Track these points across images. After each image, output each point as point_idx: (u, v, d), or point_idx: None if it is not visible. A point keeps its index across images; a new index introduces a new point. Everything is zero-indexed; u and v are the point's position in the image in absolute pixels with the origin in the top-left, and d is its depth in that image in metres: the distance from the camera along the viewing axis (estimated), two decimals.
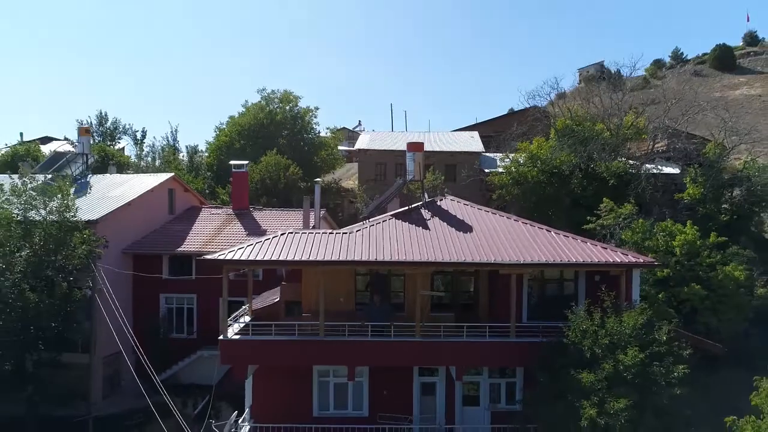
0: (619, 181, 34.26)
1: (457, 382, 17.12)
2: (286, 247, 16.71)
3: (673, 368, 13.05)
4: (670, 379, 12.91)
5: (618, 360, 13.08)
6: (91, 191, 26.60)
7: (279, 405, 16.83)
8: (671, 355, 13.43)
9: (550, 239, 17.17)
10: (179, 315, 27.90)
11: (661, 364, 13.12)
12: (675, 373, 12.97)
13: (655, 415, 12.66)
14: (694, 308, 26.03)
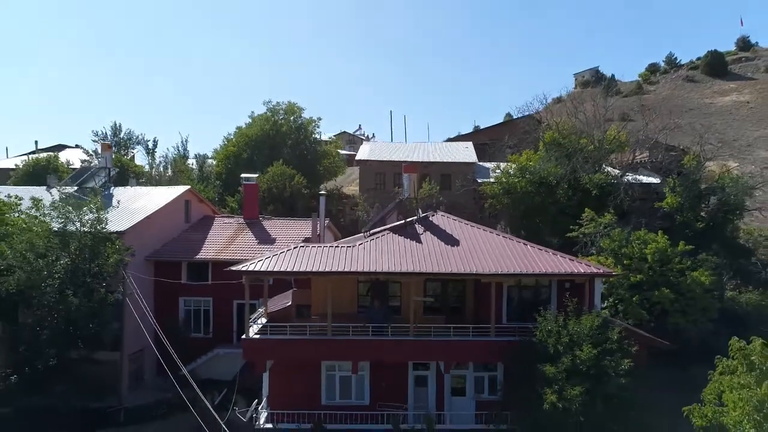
0: (600, 191, 36.98)
1: (446, 375, 19.90)
2: (299, 259, 19.49)
3: (621, 362, 15.82)
4: (618, 370, 15.67)
5: (575, 355, 15.85)
6: (115, 203, 29.21)
7: (292, 395, 19.58)
8: (620, 352, 16.19)
9: (525, 252, 19.96)
10: (197, 316, 30.64)
11: (611, 359, 15.89)
12: (622, 366, 15.73)
13: (604, 401, 15.41)
14: (665, 310, 28.84)
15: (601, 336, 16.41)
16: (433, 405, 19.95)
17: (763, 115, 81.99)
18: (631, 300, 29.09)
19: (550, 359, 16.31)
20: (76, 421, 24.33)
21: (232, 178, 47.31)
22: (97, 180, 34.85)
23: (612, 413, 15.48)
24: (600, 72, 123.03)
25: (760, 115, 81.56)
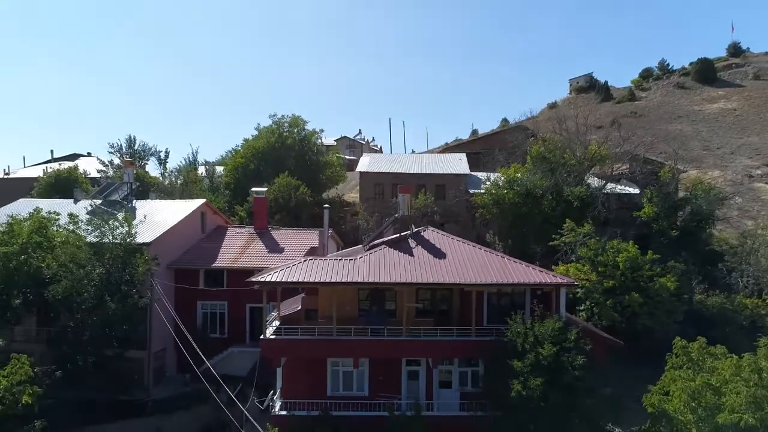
0: (581, 203, 40.29)
1: (434, 370, 23.25)
2: (308, 270, 22.84)
3: (576, 358, 19.14)
4: (574, 365, 18.99)
5: (538, 352, 19.18)
6: (141, 217, 32.44)
7: (301, 387, 22.92)
8: (576, 349, 19.51)
9: (502, 264, 23.30)
10: (213, 319, 33.93)
11: (569, 355, 19.21)
12: (577, 361, 19.06)
13: (561, 390, 18.73)
14: (635, 312, 32.19)
15: (560, 336, 19.72)
16: (424, 395, 23.28)
17: (748, 122, 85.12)
18: (605, 303, 32.51)
19: (518, 355, 19.65)
20: (110, 411, 27.66)
21: (241, 188, 50.61)
22: (120, 193, 38.20)
23: (569, 401, 18.79)
24: (594, 78, 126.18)
25: (745, 123, 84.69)
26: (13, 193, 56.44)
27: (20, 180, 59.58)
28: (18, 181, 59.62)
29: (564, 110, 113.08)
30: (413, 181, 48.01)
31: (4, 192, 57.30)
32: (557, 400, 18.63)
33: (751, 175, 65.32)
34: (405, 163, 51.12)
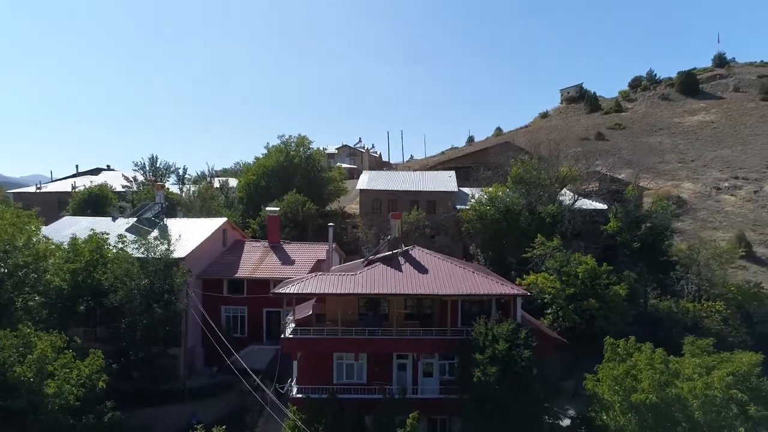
0: (552, 219, 46.37)
1: (419, 362, 29.35)
2: (318, 283, 28.98)
3: (524, 352, 25.24)
4: (522, 357, 25.09)
5: (495, 348, 25.28)
6: (176, 235, 38.40)
7: (313, 376, 28.98)
8: (525, 346, 25.59)
9: (472, 278, 29.41)
10: (235, 321, 40.02)
11: (518, 350, 25.31)
12: (524, 355, 25.16)
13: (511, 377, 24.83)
14: (593, 315, 38.22)
15: (513, 335, 25.79)
16: (410, 383, 29.39)
17: (723, 135, 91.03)
18: (567, 308, 38.62)
19: (480, 350, 25.73)
20: (154, 398, 33.77)
21: (253, 203, 56.80)
22: (152, 212, 44.34)
23: (517, 385, 24.90)
24: (584, 89, 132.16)
25: (721, 136, 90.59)
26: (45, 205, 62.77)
27: (50, 194, 65.82)
28: (48, 194, 65.83)
29: (553, 120, 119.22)
30: (407, 197, 54.31)
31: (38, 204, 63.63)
32: (508, 384, 24.72)
33: (719, 188, 71.18)
34: (400, 180, 57.23)
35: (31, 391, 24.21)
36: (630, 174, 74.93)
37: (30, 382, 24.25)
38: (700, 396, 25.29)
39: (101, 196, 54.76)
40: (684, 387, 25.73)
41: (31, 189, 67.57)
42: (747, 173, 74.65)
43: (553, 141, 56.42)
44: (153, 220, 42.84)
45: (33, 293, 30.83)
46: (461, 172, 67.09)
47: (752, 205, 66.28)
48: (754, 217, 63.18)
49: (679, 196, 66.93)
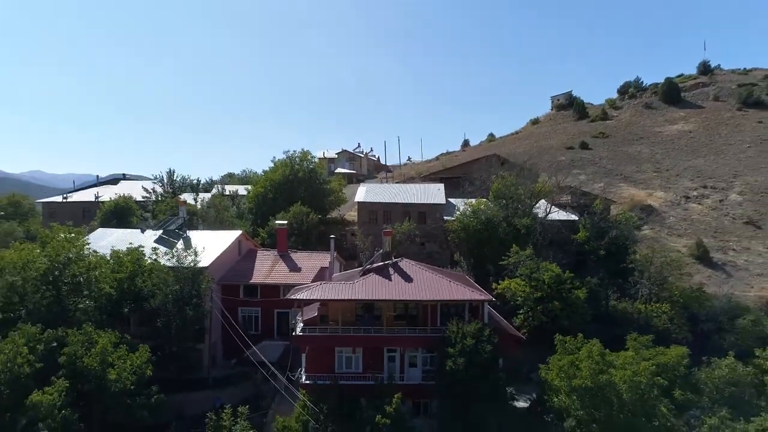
0: (527, 230, 52.93)
1: (405, 355, 35.95)
2: (323, 291, 35.58)
3: (486, 347, 31.88)
4: (485, 352, 31.72)
5: (464, 343, 31.91)
6: (201, 247, 44.81)
7: (318, 366, 35.57)
8: (488, 342, 32.22)
9: (449, 286, 35.99)
10: (250, 320, 46.60)
11: (482, 345, 31.93)
12: (487, 348, 31.80)
13: (476, 366, 31.48)
14: (557, 315, 44.79)
15: (479, 333, 32.40)
16: (398, 372, 35.96)
17: (698, 145, 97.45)
18: (535, 309, 45.25)
19: (452, 345, 32.36)
20: (184, 385, 40.35)
21: (261, 214, 63.33)
22: (175, 225, 50.90)
23: (481, 373, 31.54)
24: (573, 96, 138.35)
25: (696, 146, 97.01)
26: (71, 213, 69.69)
27: (76, 203, 72.43)
28: (74, 204, 72.45)
29: (543, 127, 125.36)
30: (400, 208, 60.89)
31: (65, 213, 70.48)
32: (474, 372, 31.36)
33: (688, 197, 77.65)
34: (394, 193, 63.74)
35: (97, 377, 30.84)
36: (607, 183, 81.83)
37: (96, 370, 30.89)
38: (628, 381, 31.92)
39: (126, 208, 61.39)
40: (616, 374, 32.38)
41: (58, 199, 74.06)
42: (715, 182, 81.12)
43: (532, 157, 62.70)
44: (177, 233, 49.44)
45: (86, 298, 37.34)
46: (452, 182, 73.85)
47: (716, 213, 72.79)
48: (716, 224, 69.72)
49: (649, 205, 73.59)
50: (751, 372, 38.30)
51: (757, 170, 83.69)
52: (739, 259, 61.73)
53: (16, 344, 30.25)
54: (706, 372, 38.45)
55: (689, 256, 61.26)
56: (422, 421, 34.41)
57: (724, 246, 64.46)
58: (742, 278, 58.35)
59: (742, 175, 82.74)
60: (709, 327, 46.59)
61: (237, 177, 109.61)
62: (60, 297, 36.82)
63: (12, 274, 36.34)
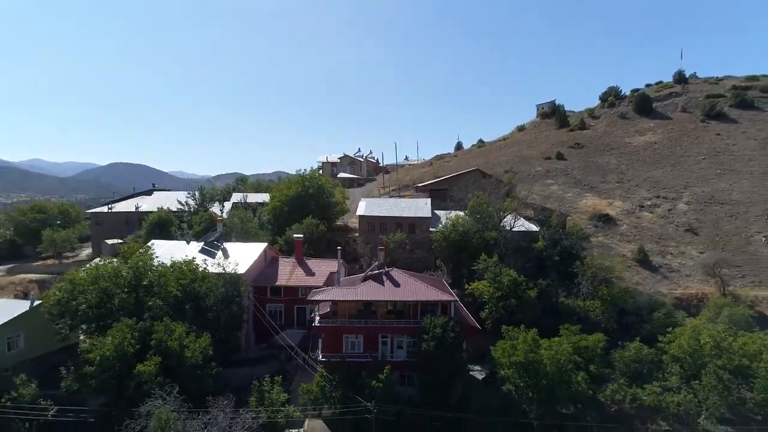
0: (494, 241, 66.54)
1: (395, 339, 49.77)
2: (334, 294, 49.33)
3: (450, 334, 45.59)
4: (449, 338, 45.44)
5: (434, 331, 45.67)
6: (239, 258, 58.46)
7: (331, 347, 49.37)
8: (452, 330, 45.93)
9: (427, 289, 49.68)
10: (275, 313, 60.36)
11: (447, 333, 45.63)
12: (450, 335, 45.52)
13: (443, 349, 45.22)
14: (513, 311, 58.46)
15: (445, 325, 46.13)
16: (389, 352, 49.77)
17: (660, 156, 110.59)
18: (497, 305, 58.86)
19: (426, 333, 46.10)
20: (228, 364, 54.10)
21: (279, 225, 76.90)
22: (213, 237, 64.51)
23: (445, 354, 45.29)
24: (556, 105, 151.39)
25: (658, 157, 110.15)
26: (115, 223, 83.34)
27: (120, 213, 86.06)
28: (116, 214, 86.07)
29: (528, 134, 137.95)
30: (394, 221, 74.47)
31: (110, 222, 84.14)
32: (440, 353, 45.11)
33: (642, 206, 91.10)
34: (388, 207, 77.26)
35: (177, 355, 44.57)
36: (575, 193, 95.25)
37: (176, 350, 44.62)
38: (551, 359, 45.66)
39: (167, 220, 75.01)
40: (543, 354, 46.12)
41: (104, 209, 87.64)
42: (668, 193, 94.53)
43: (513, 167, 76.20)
44: (216, 244, 63.12)
45: (156, 298, 50.95)
46: (440, 193, 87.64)
47: (663, 221, 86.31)
48: (661, 231, 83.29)
49: (607, 214, 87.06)
50: (653, 352, 52.21)
51: (706, 181, 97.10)
52: (674, 262, 75.36)
53: (122, 332, 44.05)
54: (619, 352, 52.39)
55: (632, 259, 74.96)
56: (406, 389, 48.24)
57: (663, 251, 78.03)
58: (673, 279, 72.01)
59: (692, 186, 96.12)
60: (633, 319, 60.29)
61: (249, 182, 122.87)
62: (138, 297, 50.53)
63: (106, 281, 50.00)
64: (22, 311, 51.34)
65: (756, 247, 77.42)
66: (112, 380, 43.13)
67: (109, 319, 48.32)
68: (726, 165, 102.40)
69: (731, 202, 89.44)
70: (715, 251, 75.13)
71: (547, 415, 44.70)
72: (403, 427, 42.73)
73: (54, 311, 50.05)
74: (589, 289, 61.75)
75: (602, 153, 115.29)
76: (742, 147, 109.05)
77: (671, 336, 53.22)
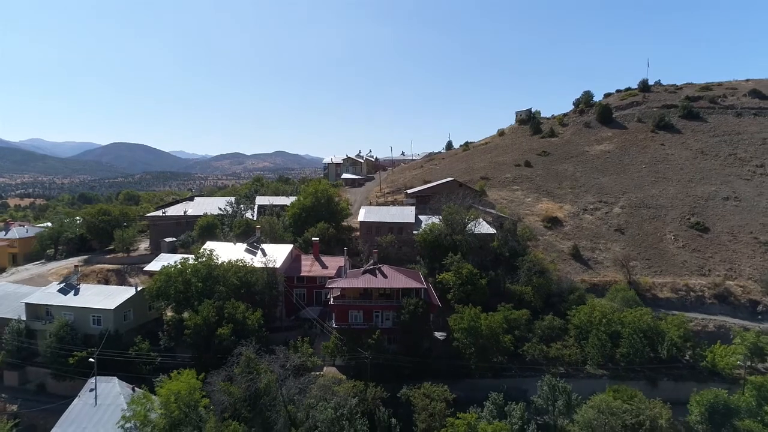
0: (459, 242, 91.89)
1: (383, 313, 75.34)
2: (344, 283, 74.80)
3: (419, 309, 70.95)
4: (418, 312, 70.82)
5: (408, 308, 71.10)
6: (275, 256, 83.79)
7: (341, 319, 74.87)
8: (421, 307, 71.28)
9: (406, 280, 75.07)
10: (300, 295, 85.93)
11: (417, 309, 71.02)
12: (420, 310, 70.88)
13: (415, 320, 70.66)
14: (469, 294, 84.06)
15: (416, 303, 71.40)
16: (381, 322, 75.34)
17: (610, 164, 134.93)
18: (458, 290, 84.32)
19: (404, 309, 71.40)
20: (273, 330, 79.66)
21: (298, 228, 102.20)
22: (254, 239, 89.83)
23: (415, 323, 70.72)
24: (532, 112, 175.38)
25: (608, 165, 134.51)
26: (168, 225, 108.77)
27: (172, 217, 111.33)
28: (169, 217, 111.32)
29: (507, 139, 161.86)
30: (387, 225, 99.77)
31: (165, 224, 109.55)
32: (413, 322, 70.55)
33: (586, 209, 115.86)
34: (382, 214, 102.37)
35: (242, 323, 70.16)
36: (534, 197, 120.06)
37: (241, 320, 70.22)
38: (485, 326, 71.22)
39: (212, 224, 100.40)
40: (482, 322, 71.65)
41: (159, 213, 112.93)
42: (609, 198, 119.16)
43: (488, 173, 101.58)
44: (256, 245, 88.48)
45: (220, 285, 76.23)
46: (424, 199, 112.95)
47: (599, 222, 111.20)
48: (596, 231, 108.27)
49: (556, 217, 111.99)
50: (562, 322, 77.89)
51: (641, 188, 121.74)
52: (600, 256, 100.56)
53: (207, 308, 69.64)
54: (538, 322, 77.98)
55: (568, 254, 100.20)
56: (391, 346, 73.75)
57: (594, 247, 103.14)
58: (596, 269, 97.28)
59: (629, 192, 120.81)
60: (556, 299, 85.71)
61: (267, 183, 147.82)
62: (208, 285, 75.95)
63: (188, 274, 75.46)
64: (130, 295, 76.96)
65: (665, 244, 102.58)
66: (202, 339, 68.82)
67: (191, 300, 73.89)
68: (661, 173, 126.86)
69: (657, 206, 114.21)
70: (628, 248, 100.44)
71: (481, 362, 70.35)
72: (388, 369, 68.31)
73: (153, 294, 75.63)
74: (525, 278, 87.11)
75: (563, 161, 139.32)
76: (678, 157, 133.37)
77: (575, 311, 78.80)
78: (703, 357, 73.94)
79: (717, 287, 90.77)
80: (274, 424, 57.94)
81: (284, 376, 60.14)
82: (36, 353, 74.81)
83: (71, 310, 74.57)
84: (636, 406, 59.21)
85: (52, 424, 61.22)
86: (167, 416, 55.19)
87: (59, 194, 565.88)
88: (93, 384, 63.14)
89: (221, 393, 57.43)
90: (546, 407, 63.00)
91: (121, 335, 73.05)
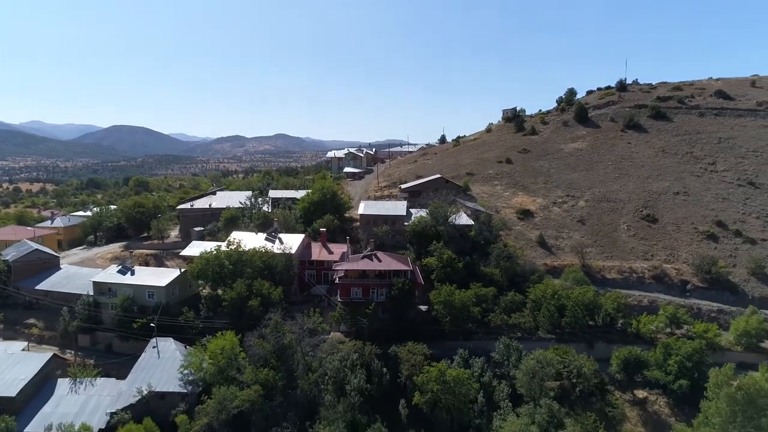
0: (442, 231, 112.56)
1: (377, 290, 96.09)
2: (346, 266, 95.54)
3: (406, 287, 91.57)
4: (405, 289, 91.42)
5: (397, 285, 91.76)
6: (284, 241, 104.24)
7: (344, 294, 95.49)
8: (407, 285, 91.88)
9: (397, 263, 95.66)
10: (311, 276, 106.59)
11: (404, 286, 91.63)
12: (407, 287, 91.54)
13: (403, 294, 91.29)
14: (448, 275, 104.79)
15: (403, 281, 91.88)
16: (376, 296, 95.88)
17: (581, 161, 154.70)
18: (441, 271, 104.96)
19: (394, 286, 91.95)
20: (292, 303, 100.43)
21: (307, 219, 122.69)
22: (272, 229, 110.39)
23: (404, 296, 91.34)
24: (516, 110, 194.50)
25: (579, 162, 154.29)
26: (196, 216, 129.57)
27: (199, 209, 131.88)
28: (197, 209, 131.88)
29: (493, 135, 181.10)
30: (382, 217, 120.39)
31: (194, 215, 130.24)
32: (401, 296, 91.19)
33: (555, 202, 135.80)
34: (379, 208, 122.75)
35: (267, 297, 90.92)
36: (511, 192, 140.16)
37: (266, 295, 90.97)
38: (459, 300, 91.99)
39: (236, 216, 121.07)
40: (455, 297, 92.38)
41: (187, 206, 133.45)
42: (576, 192, 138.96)
43: (473, 169, 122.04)
44: (274, 234, 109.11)
45: (247, 267, 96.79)
46: (415, 193, 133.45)
47: (565, 214, 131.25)
48: (561, 222, 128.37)
49: (528, 209, 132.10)
50: (521, 298, 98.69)
51: (605, 183, 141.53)
52: (562, 244, 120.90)
53: (240, 285, 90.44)
54: (502, 298, 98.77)
55: (535, 242, 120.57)
56: (383, 315, 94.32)
57: (558, 236, 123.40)
58: (558, 255, 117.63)
59: (594, 187, 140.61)
60: (520, 279, 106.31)
61: (276, 177, 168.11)
62: (238, 267, 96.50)
63: (222, 259, 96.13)
64: (177, 275, 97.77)
65: (619, 233, 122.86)
66: (236, 309, 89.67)
67: (225, 279, 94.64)
68: (624, 170, 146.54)
69: (616, 200, 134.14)
70: (586, 237, 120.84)
71: (454, 327, 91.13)
72: (381, 332, 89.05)
73: (195, 275, 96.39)
74: (495, 262, 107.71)
75: (540, 158, 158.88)
76: (642, 155, 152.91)
77: (533, 289, 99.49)
78: (630, 324, 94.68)
79: (655, 269, 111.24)
80: (295, 370, 79.05)
81: (302, 336, 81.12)
82: (101, 321, 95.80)
83: (130, 287, 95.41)
84: (567, 359, 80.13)
85: (123, 374, 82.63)
86: (215, 364, 76.43)
87: (65, 179, 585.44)
88: (155, 342, 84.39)
89: (256, 347, 78.51)
90: (502, 361, 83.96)
91: (170, 307, 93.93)
